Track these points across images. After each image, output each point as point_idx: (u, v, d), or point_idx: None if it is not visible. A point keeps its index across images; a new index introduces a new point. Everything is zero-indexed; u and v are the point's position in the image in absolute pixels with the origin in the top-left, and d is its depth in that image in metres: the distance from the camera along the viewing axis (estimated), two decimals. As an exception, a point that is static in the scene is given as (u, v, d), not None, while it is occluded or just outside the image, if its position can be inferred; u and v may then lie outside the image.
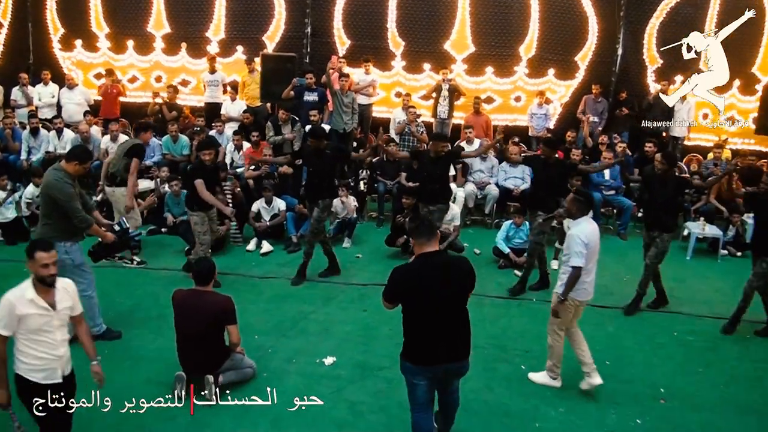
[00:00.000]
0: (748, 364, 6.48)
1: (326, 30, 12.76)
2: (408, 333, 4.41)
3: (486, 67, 12.73)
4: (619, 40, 12.39)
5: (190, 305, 5.36)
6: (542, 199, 7.85)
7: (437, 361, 4.37)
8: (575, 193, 5.94)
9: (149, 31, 13.06)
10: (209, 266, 5.50)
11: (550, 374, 5.94)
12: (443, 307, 4.33)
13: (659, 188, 7.50)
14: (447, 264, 4.44)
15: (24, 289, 4.16)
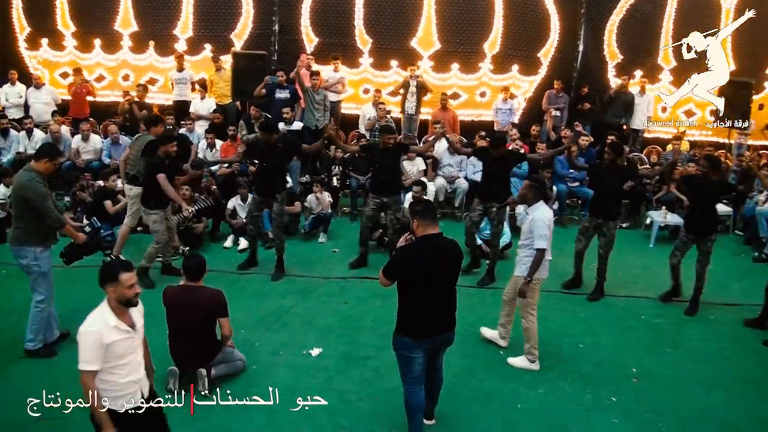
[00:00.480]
0: (713, 344, 6.87)
1: (294, 27, 12.86)
2: (407, 310, 4.75)
3: (452, 64, 13.00)
4: (580, 36, 12.79)
5: (183, 300, 5.48)
6: (495, 190, 8.08)
7: (436, 332, 4.79)
8: (530, 180, 6.30)
9: (116, 29, 12.97)
10: (200, 261, 5.63)
11: (529, 357, 6.23)
12: (442, 284, 4.74)
13: (607, 177, 7.85)
14: (444, 245, 4.80)
15: (103, 315, 3.90)
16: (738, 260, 9.60)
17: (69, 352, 6.08)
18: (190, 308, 5.47)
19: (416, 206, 4.93)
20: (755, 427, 5.51)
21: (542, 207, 6.08)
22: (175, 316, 5.54)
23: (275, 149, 8.15)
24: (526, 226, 6.11)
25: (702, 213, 7.65)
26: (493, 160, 8.15)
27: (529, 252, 6.00)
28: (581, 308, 7.62)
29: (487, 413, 5.50)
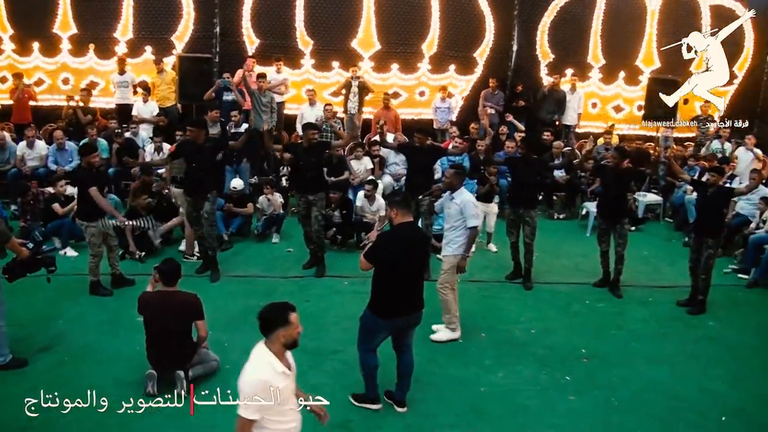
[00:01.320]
0: (653, 324, 7.55)
1: (235, 29, 12.94)
2: (383, 291, 5.29)
3: (391, 64, 13.37)
4: (514, 37, 13.39)
5: (162, 305, 5.65)
6: (422, 183, 8.37)
7: (407, 313, 5.35)
8: (455, 168, 6.89)
9: (55, 32, 12.71)
10: (175, 266, 5.80)
11: (451, 327, 6.84)
12: (415, 267, 5.36)
13: (523, 170, 8.41)
14: (417, 233, 5.51)
15: (270, 364, 3.73)
16: (670, 245, 10.37)
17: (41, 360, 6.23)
18: (167, 312, 5.65)
19: (395, 197, 5.49)
20: (697, 394, 6.12)
21: (465, 191, 6.77)
22: (153, 321, 5.70)
23: (204, 149, 8.21)
24: (454, 210, 6.65)
25: (614, 200, 8.26)
26: (418, 152, 8.52)
27: (461, 232, 6.59)
28: (530, 296, 8.15)
29: (455, 398, 5.90)
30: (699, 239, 7.86)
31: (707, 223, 7.91)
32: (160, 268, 5.81)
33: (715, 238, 7.82)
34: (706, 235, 7.78)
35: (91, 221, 7.61)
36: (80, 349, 6.52)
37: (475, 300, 7.96)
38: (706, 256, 7.79)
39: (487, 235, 9.74)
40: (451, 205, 6.71)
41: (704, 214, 7.98)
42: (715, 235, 7.86)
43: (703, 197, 8.05)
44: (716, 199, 7.92)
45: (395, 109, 13.01)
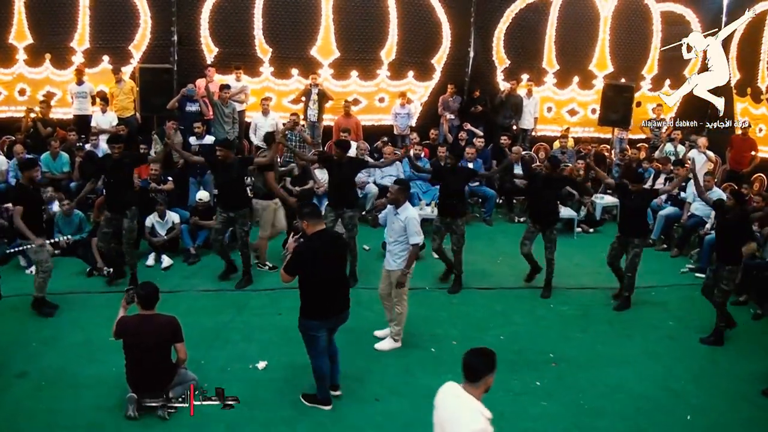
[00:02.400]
0: (618, 326, 7.89)
1: (193, 38, 12.89)
2: (310, 296, 5.66)
3: (351, 71, 13.50)
4: (470, 43, 13.64)
5: (142, 330, 5.69)
6: (344, 195, 8.59)
7: (336, 312, 5.80)
8: (398, 183, 7.01)
9: (11, 42, 12.43)
10: (155, 289, 5.85)
11: (395, 338, 7.13)
12: (336, 270, 5.79)
13: (450, 178, 8.65)
14: (333, 238, 5.94)
15: (479, 410, 3.68)
16: (626, 247, 10.67)
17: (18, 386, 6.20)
18: (146, 336, 5.68)
19: (304, 209, 5.81)
20: (662, 393, 6.45)
21: (409, 206, 6.88)
22: (134, 346, 5.72)
23: (122, 164, 8.18)
24: (398, 225, 6.81)
25: (546, 205, 8.56)
26: (338, 167, 8.61)
27: (404, 247, 6.77)
28: (496, 301, 8.42)
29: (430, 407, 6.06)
30: (624, 239, 8.23)
31: (632, 224, 8.26)
32: (138, 293, 5.84)
33: (640, 237, 8.24)
34: (631, 235, 8.15)
35: (27, 239, 7.44)
36: (56, 372, 6.47)
37: (444, 307, 8.19)
38: (632, 255, 8.12)
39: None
40: (395, 220, 6.84)
41: (629, 216, 8.29)
42: (641, 235, 8.30)
43: (627, 200, 8.33)
44: (640, 201, 8.31)
45: (356, 115, 13.13)
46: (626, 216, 8.36)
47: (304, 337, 5.82)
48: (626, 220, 8.35)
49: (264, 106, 12.38)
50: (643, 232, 8.50)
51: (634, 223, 8.28)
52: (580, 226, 11.24)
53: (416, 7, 13.32)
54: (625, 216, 8.41)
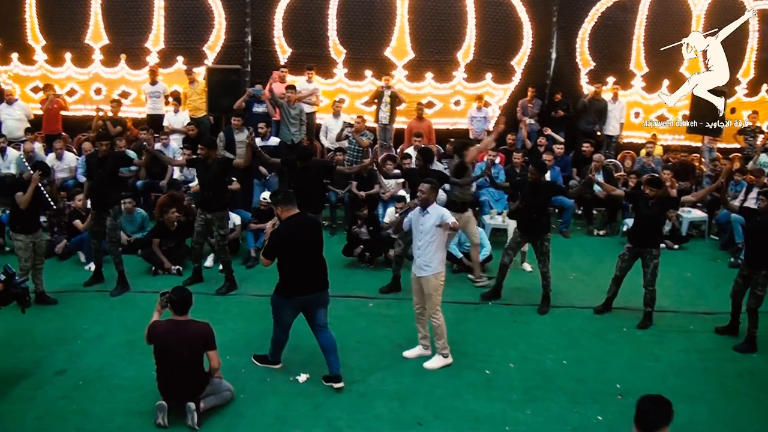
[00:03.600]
0: (693, 356, 7.00)
1: (267, 39, 12.84)
2: (286, 275, 5.97)
3: (426, 73, 13.06)
4: (552, 44, 12.93)
5: (174, 335, 5.44)
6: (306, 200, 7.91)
7: (306, 293, 6.02)
8: (429, 182, 6.47)
9: (87, 42, 12.83)
10: (188, 294, 5.60)
11: (443, 353, 6.61)
12: (310, 252, 6.02)
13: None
14: (308, 221, 6.18)
15: None
16: (714, 266, 9.76)
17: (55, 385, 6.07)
18: (178, 343, 5.45)
19: (277, 196, 6.10)
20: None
21: (437, 205, 6.45)
22: (164, 352, 5.50)
23: (106, 161, 8.05)
24: (428, 225, 6.32)
25: (535, 214, 7.87)
26: (300, 172, 8.31)
27: (436, 248, 6.38)
28: (563, 321, 7.71)
29: (477, 437, 5.56)
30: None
31: (648, 233, 7.57)
32: (171, 297, 5.59)
33: (658, 247, 7.55)
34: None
35: (17, 233, 7.56)
36: (95, 372, 6.36)
37: (505, 325, 7.60)
38: (653, 267, 7.47)
39: (521, 254, 9.34)
40: (424, 220, 6.37)
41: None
42: (657, 244, 7.59)
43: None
44: (659, 208, 7.60)
45: (429, 119, 12.66)
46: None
47: (272, 308, 6.22)
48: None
49: (335, 108, 12.12)
50: (659, 241, 7.77)
51: (650, 231, 7.59)
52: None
53: (496, 6, 12.73)
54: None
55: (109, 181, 8.08)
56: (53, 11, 12.80)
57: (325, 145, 12.18)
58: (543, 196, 7.95)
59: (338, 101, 12.32)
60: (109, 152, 8.15)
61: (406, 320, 7.31)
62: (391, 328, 7.45)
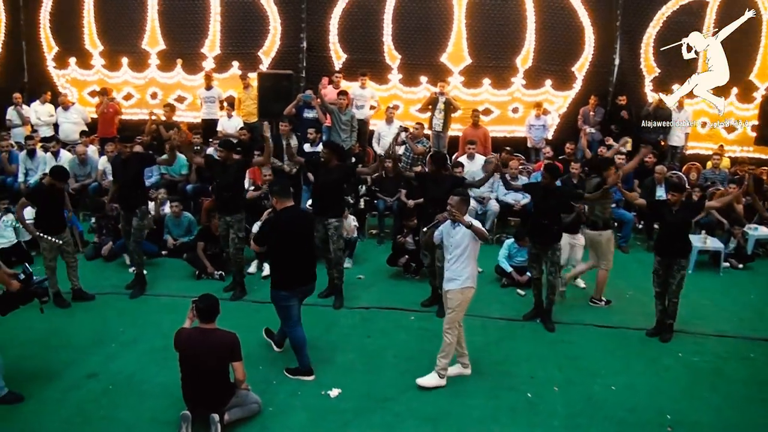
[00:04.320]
0: (754, 387, 6.41)
1: (322, 44, 12.78)
2: (283, 267, 6.10)
3: (483, 79, 12.75)
4: (616, 50, 12.40)
5: (198, 344, 5.31)
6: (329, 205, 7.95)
7: (305, 283, 6.22)
8: (459, 194, 6.15)
9: (144, 47, 13.07)
10: (214, 302, 5.44)
11: (441, 372, 6.23)
12: (302, 244, 6.17)
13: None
14: (300, 214, 6.45)
15: None
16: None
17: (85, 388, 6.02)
18: (206, 352, 5.30)
19: (274, 186, 6.30)
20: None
21: (468, 217, 6.09)
22: (191, 360, 5.36)
23: (130, 163, 8.08)
24: (458, 237, 6.03)
25: (546, 220, 7.48)
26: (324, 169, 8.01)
27: (466, 264, 6.04)
28: (616, 344, 7.23)
29: (512, 466, 5.21)
30: (667, 261, 7.11)
31: (675, 242, 7.13)
32: (197, 305, 5.46)
33: (686, 257, 7.12)
34: (676, 256, 7.05)
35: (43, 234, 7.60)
36: (126, 377, 6.30)
37: (552, 345, 7.17)
38: (679, 278, 7.07)
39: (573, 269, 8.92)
40: (454, 233, 6.06)
41: (671, 233, 7.15)
42: (686, 254, 7.19)
43: (667, 215, 7.16)
44: (685, 215, 7.21)
45: (485, 126, 12.31)
46: (667, 233, 7.24)
47: (276, 308, 6.25)
48: (667, 238, 7.21)
49: (389, 114, 11.91)
50: (687, 251, 7.28)
51: (677, 240, 7.15)
52: (728, 260, 9.66)
53: (556, 11, 12.32)
54: (665, 233, 7.27)
55: (134, 182, 8.14)
56: (111, 17, 13.08)
57: (377, 152, 11.97)
58: (555, 201, 7.55)
59: (392, 107, 12.12)
60: (132, 154, 8.22)
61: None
62: (432, 343, 7.06)
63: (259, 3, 12.67)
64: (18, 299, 6.00)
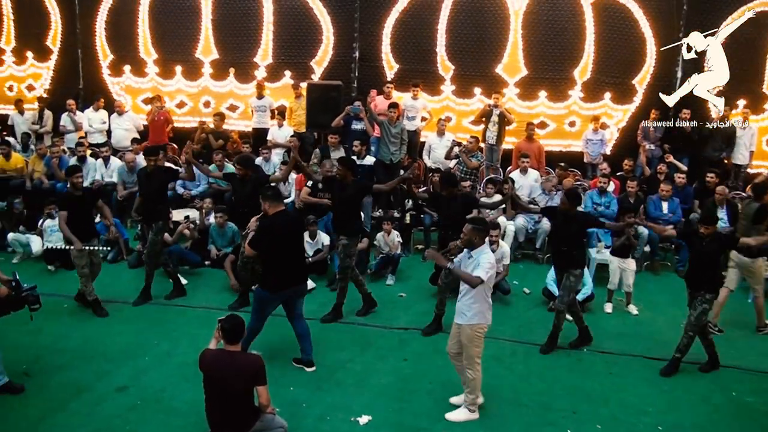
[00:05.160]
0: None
1: (374, 54, 12.64)
2: (272, 269, 6.38)
3: (539, 91, 12.37)
4: (678, 62, 11.83)
5: (223, 366, 5.14)
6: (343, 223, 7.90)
7: (290, 286, 6.47)
8: (473, 222, 5.85)
9: (197, 56, 13.21)
10: (239, 323, 5.26)
11: (470, 408, 5.96)
12: (292, 247, 6.50)
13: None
14: (290, 218, 6.71)
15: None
16: None
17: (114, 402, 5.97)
18: (230, 375, 5.11)
19: (267, 191, 6.48)
20: None
21: (487, 250, 5.79)
22: (214, 383, 5.20)
23: (153, 176, 8.14)
24: (471, 269, 5.67)
25: (565, 247, 7.22)
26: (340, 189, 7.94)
27: (477, 298, 5.72)
28: (665, 378, 6.79)
29: None
30: (692, 293, 6.83)
31: (703, 274, 6.82)
32: (222, 324, 5.31)
33: (712, 291, 6.81)
34: (701, 288, 6.75)
35: (70, 243, 7.61)
36: (155, 393, 6.25)
37: (598, 377, 6.79)
38: (699, 311, 6.73)
39: (625, 295, 8.50)
40: (468, 263, 5.75)
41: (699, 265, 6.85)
42: (713, 288, 6.87)
43: (698, 245, 6.82)
44: (715, 246, 6.80)
45: (540, 140, 11.93)
46: (697, 265, 6.92)
47: (255, 302, 6.60)
48: (696, 270, 6.91)
49: (440, 126, 11.68)
50: (716, 283, 7.00)
51: (706, 273, 6.81)
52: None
53: (617, 21, 11.83)
54: (695, 265, 6.96)
55: (157, 196, 8.19)
56: (165, 26, 13.27)
57: (427, 165, 11.76)
58: (576, 227, 7.24)
59: (444, 119, 11.88)
60: (156, 167, 8.24)
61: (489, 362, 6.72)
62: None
63: (312, 12, 12.63)
64: (8, 305, 6.07)
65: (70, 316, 7.91)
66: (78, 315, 7.93)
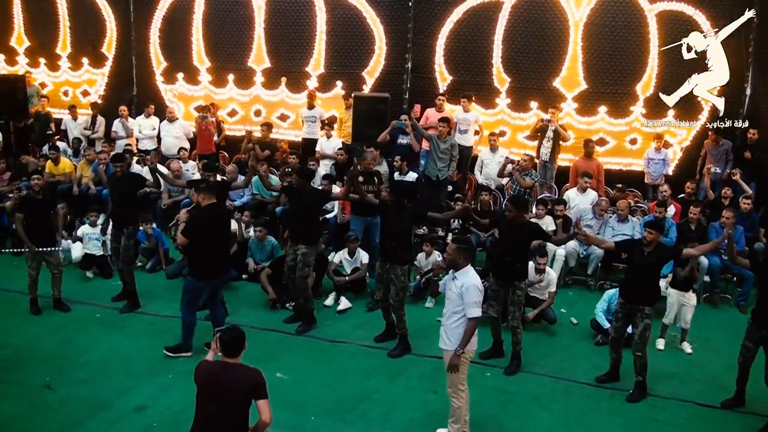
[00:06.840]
0: None
1: (427, 65, 12.32)
2: (199, 258, 6.84)
3: (599, 107, 11.78)
4: (747, 78, 11.08)
5: (217, 380, 4.71)
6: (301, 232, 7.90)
7: (218, 275, 6.98)
8: (457, 242, 5.59)
9: (250, 65, 13.19)
10: (238, 335, 4.81)
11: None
12: (219, 238, 6.96)
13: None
14: (219, 212, 7.10)
15: None
16: None
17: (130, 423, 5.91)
18: (225, 390, 4.65)
19: (201, 184, 7.05)
20: None
21: (472, 271, 5.55)
22: (207, 397, 4.73)
23: (121, 182, 8.31)
24: (454, 293, 5.50)
25: (510, 257, 7.02)
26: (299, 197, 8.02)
27: (463, 321, 5.47)
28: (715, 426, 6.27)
29: None
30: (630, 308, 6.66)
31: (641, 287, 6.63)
32: (221, 336, 4.96)
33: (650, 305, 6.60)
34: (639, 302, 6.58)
35: None
36: (173, 415, 6.10)
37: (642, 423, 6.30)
38: (642, 328, 6.55)
39: (681, 332, 7.93)
40: (452, 285, 5.50)
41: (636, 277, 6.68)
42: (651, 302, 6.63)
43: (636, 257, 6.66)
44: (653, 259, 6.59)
45: (598, 158, 11.38)
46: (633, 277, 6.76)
47: (186, 293, 6.92)
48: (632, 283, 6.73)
49: (492, 141, 11.29)
50: (654, 298, 6.75)
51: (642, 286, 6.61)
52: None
53: (682, 35, 11.10)
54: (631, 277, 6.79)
55: (125, 201, 8.32)
56: (219, 35, 13.30)
57: (478, 181, 11.36)
58: (523, 238, 6.97)
59: (496, 134, 11.48)
60: (124, 174, 8.39)
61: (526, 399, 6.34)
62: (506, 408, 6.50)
63: (365, 22, 12.42)
64: None
65: (99, 326, 7.91)
66: (108, 326, 7.92)
